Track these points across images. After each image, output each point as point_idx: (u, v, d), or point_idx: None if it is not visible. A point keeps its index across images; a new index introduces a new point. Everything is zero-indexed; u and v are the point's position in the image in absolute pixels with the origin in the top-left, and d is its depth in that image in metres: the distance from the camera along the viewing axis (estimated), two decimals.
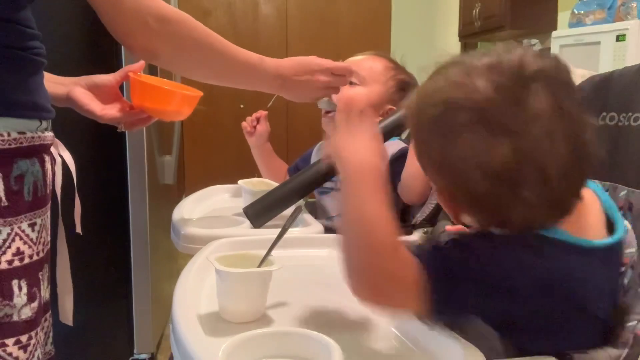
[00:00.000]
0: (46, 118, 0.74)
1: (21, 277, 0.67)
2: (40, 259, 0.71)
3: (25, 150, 0.68)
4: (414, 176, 1.30)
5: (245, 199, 1.34)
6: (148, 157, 1.89)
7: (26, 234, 0.68)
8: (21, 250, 0.67)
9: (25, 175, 0.68)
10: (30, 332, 0.68)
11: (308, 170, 1.26)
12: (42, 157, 0.73)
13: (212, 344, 0.62)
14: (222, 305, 0.74)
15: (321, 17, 4.11)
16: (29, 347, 0.68)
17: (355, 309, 0.80)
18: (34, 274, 0.70)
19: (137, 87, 1.00)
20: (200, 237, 1.09)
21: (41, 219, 0.72)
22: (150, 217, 1.90)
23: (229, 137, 4.04)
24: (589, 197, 0.70)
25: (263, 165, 1.59)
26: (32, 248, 0.69)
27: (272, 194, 1.22)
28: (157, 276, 2.02)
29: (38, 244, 0.71)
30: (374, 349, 0.69)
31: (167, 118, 1.15)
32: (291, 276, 0.93)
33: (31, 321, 0.69)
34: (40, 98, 0.72)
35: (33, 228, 0.69)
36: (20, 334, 0.67)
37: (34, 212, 0.70)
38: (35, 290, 0.69)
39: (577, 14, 2.37)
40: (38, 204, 0.71)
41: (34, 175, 0.70)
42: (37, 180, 0.70)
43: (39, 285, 0.70)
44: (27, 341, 0.68)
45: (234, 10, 4.01)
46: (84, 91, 0.97)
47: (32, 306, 0.69)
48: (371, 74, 1.43)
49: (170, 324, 0.72)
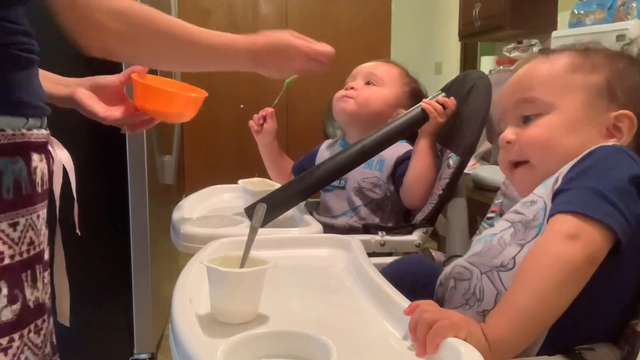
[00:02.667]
0: (34, 116, 0.72)
1: (0, 278, 0.65)
2: (23, 260, 0.69)
3: (5, 148, 0.66)
4: (416, 180, 1.30)
5: (246, 199, 1.35)
6: (148, 157, 1.89)
7: (6, 233, 0.66)
8: (0, 250, 0.65)
9: (5, 174, 0.66)
10: (12, 334, 0.66)
11: (312, 173, 1.26)
12: (28, 155, 0.71)
13: (211, 344, 0.62)
14: (219, 307, 0.73)
15: (321, 17, 4.11)
16: (11, 350, 0.66)
17: (354, 309, 0.80)
18: (15, 275, 0.67)
19: (140, 89, 1.00)
20: (200, 237, 1.09)
21: (26, 219, 0.69)
22: (150, 217, 1.90)
23: (229, 137, 4.04)
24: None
25: (270, 163, 1.57)
26: (13, 248, 0.67)
27: (275, 195, 1.22)
28: (157, 276, 2.02)
29: (21, 244, 0.68)
30: (372, 349, 0.69)
31: (170, 120, 1.15)
32: (291, 276, 0.93)
33: (12, 323, 0.66)
34: (28, 95, 0.70)
35: (15, 228, 0.67)
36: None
37: (17, 212, 0.68)
38: (18, 292, 0.67)
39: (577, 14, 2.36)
40: (22, 202, 0.69)
41: (16, 173, 0.68)
42: (19, 178, 0.68)
43: (22, 287, 0.68)
44: (8, 344, 0.66)
45: (234, 10, 4.01)
46: (88, 92, 0.96)
47: (13, 308, 0.66)
48: (389, 77, 1.44)
49: (170, 324, 0.72)
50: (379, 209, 1.37)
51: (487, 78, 1.30)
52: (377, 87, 1.43)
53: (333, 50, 1.07)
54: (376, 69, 1.45)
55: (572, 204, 0.69)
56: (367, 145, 1.27)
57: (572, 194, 0.71)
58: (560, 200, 0.72)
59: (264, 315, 0.74)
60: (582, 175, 0.73)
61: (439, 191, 1.27)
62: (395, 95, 1.43)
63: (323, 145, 1.58)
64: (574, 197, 0.70)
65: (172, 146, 2.34)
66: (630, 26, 1.95)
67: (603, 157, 0.74)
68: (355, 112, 1.42)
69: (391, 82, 1.44)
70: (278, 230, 1.18)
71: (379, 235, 1.21)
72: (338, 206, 1.40)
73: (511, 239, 0.78)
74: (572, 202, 0.70)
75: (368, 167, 1.37)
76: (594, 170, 0.73)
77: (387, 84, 1.43)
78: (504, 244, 0.78)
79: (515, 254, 0.75)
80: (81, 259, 1.91)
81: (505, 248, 0.77)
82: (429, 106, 1.30)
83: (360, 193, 1.37)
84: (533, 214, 0.77)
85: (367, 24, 4.14)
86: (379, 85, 1.43)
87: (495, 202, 1.06)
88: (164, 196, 2.26)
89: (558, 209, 0.70)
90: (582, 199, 0.69)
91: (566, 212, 0.69)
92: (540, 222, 0.75)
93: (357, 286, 0.87)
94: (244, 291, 0.73)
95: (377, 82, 1.43)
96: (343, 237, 1.07)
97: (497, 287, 0.76)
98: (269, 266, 0.73)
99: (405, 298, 0.75)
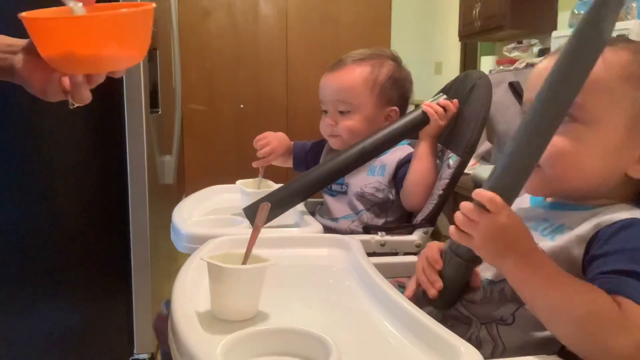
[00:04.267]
0: None
1: None
2: None
3: None
4: (416, 182, 1.30)
5: (244, 200, 1.35)
6: (148, 157, 1.89)
7: None
8: None
9: None
10: None
11: (312, 173, 1.26)
12: None
13: (211, 341, 0.62)
14: (220, 304, 0.73)
15: (321, 17, 4.11)
16: None
17: (354, 308, 0.80)
18: None
19: (33, 29, 0.64)
20: (200, 237, 1.09)
21: None
22: (150, 217, 1.90)
23: (229, 137, 4.04)
24: None
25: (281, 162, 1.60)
26: None
27: (274, 195, 1.23)
28: (157, 276, 2.02)
29: None
30: (372, 348, 0.69)
31: (102, 67, 0.70)
32: (291, 276, 0.93)
33: None
34: None
35: None
36: None
37: None
38: None
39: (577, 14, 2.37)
40: None
41: None
42: None
43: None
44: None
45: (234, 10, 4.01)
46: (27, 59, 0.70)
47: None
48: (357, 95, 1.37)
49: (169, 322, 0.72)
50: (382, 212, 1.37)
51: (487, 78, 1.30)
52: (352, 114, 1.38)
53: None
54: (340, 94, 1.39)
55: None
56: (367, 147, 1.27)
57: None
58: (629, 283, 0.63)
59: (263, 313, 0.74)
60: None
61: (439, 191, 1.27)
62: (372, 108, 1.38)
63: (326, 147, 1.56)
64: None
65: (172, 146, 2.34)
66: (630, 26, 1.95)
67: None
68: (346, 143, 1.39)
69: (362, 97, 1.38)
70: (278, 229, 1.18)
71: (378, 235, 1.21)
72: (340, 209, 1.40)
73: (512, 295, 0.74)
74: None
75: (371, 174, 1.37)
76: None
77: (359, 103, 1.38)
78: (504, 299, 0.76)
79: (515, 311, 0.74)
80: (81, 258, 1.92)
81: (504, 303, 0.75)
82: (430, 109, 1.29)
83: (362, 198, 1.37)
84: None
85: (367, 24, 4.14)
86: (353, 111, 1.38)
87: None
88: (164, 196, 2.26)
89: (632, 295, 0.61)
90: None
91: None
92: None
93: (357, 286, 0.87)
94: (245, 288, 0.73)
95: (350, 109, 1.39)
96: (343, 237, 1.07)
97: (494, 341, 0.76)
98: (270, 263, 0.73)
99: (405, 298, 0.75)
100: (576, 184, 0.74)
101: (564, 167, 0.73)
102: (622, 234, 0.66)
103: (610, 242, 0.66)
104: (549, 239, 0.74)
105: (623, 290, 0.61)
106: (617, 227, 0.67)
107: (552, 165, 0.73)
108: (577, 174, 0.73)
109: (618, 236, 0.66)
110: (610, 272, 0.63)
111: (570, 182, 0.74)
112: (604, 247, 0.66)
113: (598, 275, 0.64)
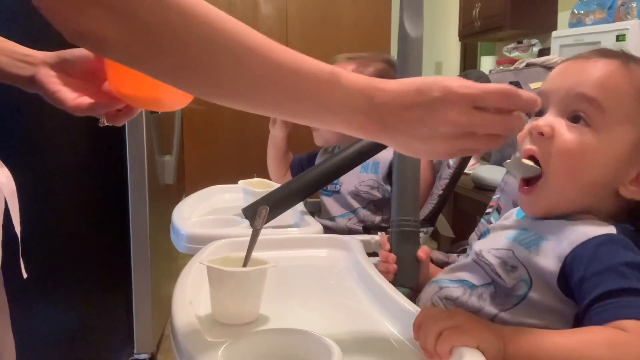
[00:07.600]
0: None
1: None
2: None
3: None
4: None
5: (246, 199, 1.35)
6: (148, 157, 1.89)
7: None
8: None
9: None
10: None
11: (309, 173, 1.26)
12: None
13: (212, 344, 0.62)
14: (221, 308, 0.73)
15: (321, 17, 4.11)
16: None
17: (355, 309, 0.80)
18: None
19: (112, 67, 0.69)
20: (200, 237, 1.09)
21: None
22: (150, 217, 1.90)
23: (229, 137, 4.04)
24: None
25: (274, 159, 1.58)
26: None
27: (273, 195, 1.22)
28: (157, 276, 2.02)
29: None
30: (373, 349, 0.69)
31: (157, 108, 0.86)
32: (291, 276, 0.93)
33: None
34: None
35: None
36: None
37: None
38: None
39: (577, 14, 2.36)
40: None
41: None
42: None
43: None
44: None
45: (234, 10, 4.01)
46: (52, 73, 0.71)
47: None
48: None
49: (170, 326, 0.71)
50: (378, 210, 1.37)
51: (487, 78, 1.30)
52: None
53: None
54: None
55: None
56: (364, 147, 1.27)
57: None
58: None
59: (265, 316, 0.74)
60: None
61: (439, 191, 1.27)
62: None
63: (320, 151, 1.58)
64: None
65: (172, 146, 2.34)
66: (630, 26, 1.95)
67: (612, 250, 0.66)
68: (325, 139, 1.48)
69: None
70: (278, 230, 1.18)
71: (378, 236, 1.21)
72: (336, 208, 1.40)
73: (491, 300, 0.74)
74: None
75: (364, 171, 1.38)
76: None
77: None
78: (483, 302, 0.75)
79: (494, 316, 0.73)
80: (81, 259, 1.92)
81: (484, 307, 0.74)
82: None
83: (357, 196, 1.37)
84: (512, 284, 0.71)
85: (367, 24, 4.14)
86: None
87: (493, 198, 1.06)
88: (164, 196, 2.26)
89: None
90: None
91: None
92: (522, 295, 0.70)
93: (357, 286, 0.87)
94: (245, 291, 0.72)
95: None
96: (343, 237, 1.07)
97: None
98: (270, 266, 0.73)
99: (405, 298, 0.75)
100: (571, 193, 0.73)
101: (567, 168, 0.72)
102: (604, 250, 0.65)
103: (593, 262, 0.65)
104: (525, 248, 0.73)
105: (623, 314, 0.60)
106: (595, 245, 0.66)
107: (558, 165, 0.72)
108: (575, 179, 0.73)
109: (599, 253, 0.65)
110: (604, 296, 0.62)
111: (568, 193, 0.74)
112: (589, 269, 0.65)
113: (591, 303, 0.63)
